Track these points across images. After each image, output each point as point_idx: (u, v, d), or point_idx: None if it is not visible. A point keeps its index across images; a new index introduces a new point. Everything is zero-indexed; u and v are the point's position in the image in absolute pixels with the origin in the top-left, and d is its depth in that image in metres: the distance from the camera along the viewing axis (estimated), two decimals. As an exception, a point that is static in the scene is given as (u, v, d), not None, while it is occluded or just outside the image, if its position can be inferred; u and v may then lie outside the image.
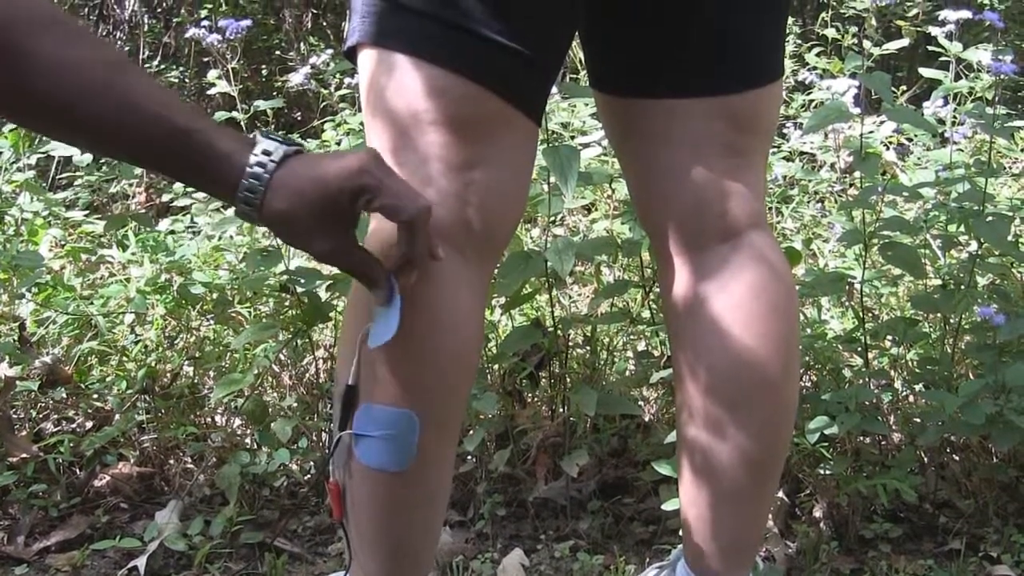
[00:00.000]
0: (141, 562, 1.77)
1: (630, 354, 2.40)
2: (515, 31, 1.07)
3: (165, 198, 3.64)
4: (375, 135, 1.12)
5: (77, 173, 3.52)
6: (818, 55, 3.53)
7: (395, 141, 1.09)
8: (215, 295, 2.43)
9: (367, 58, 1.12)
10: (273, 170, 0.98)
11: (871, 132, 2.97)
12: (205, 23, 2.42)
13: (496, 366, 2.15)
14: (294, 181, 0.98)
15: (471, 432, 1.97)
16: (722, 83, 1.20)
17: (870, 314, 2.46)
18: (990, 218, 1.88)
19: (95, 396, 2.29)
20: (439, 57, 1.07)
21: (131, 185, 3.89)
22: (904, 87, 3.76)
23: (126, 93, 0.93)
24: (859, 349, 2.04)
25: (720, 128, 1.21)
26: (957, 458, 2.02)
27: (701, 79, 1.20)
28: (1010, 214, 2.02)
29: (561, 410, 2.07)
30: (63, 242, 3.03)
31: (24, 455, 2.03)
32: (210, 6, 6.13)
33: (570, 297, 2.78)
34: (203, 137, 0.96)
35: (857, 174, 2.43)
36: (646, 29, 1.19)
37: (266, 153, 0.98)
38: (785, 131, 3.44)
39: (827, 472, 1.90)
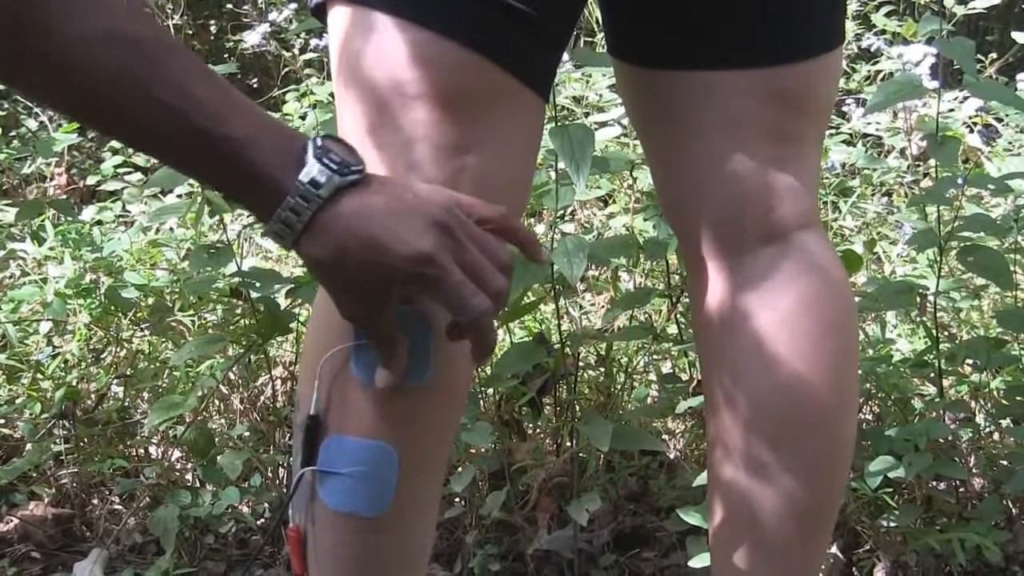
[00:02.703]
0: (57, 624, 1.79)
1: (652, 378, 2.41)
2: (519, -13, 1.08)
3: (90, 181, 3.65)
4: (348, 109, 1.13)
5: (-18, 150, 3.53)
6: (887, 15, 3.55)
7: (373, 118, 1.10)
8: (151, 300, 2.44)
9: (339, 16, 1.13)
10: (318, 208, 0.95)
11: (951, 111, 2.98)
12: (142, -31, 2.43)
13: (491, 391, 2.17)
14: (341, 232, 0.96)
15: (460, 470, 1.98)
16: (767, 53, 1.21)
17: (946, 333, 2.47)
18: (1096, 218, 1.90)
19: (2, 421, 2.30)
20: (427, 17, 1.07)
21: (49, 165, 3.90)
22: (993, 55, 3.76)
23: (143, 79, 0.91)
24: (932, 375, 2.05)
25: (765, 108, 1.22)
26: (1051, 509, 2.04)
27: (741, 48, 1.21)
28: (1120, 213, 2.04)
29: (568, 444, 2.08)
30: (-36, 233, 3.05)
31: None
32: (147, -53, 6.14)
33: (581, 308, 2.79)
34: (233, 147, 0.93)
35: (932, 162, 2.45)
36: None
37: (314, 185, 0.94)
38: (845, 109, 3.46)
39: (891, 524, 1.91)
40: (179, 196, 2.97)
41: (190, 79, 0.93)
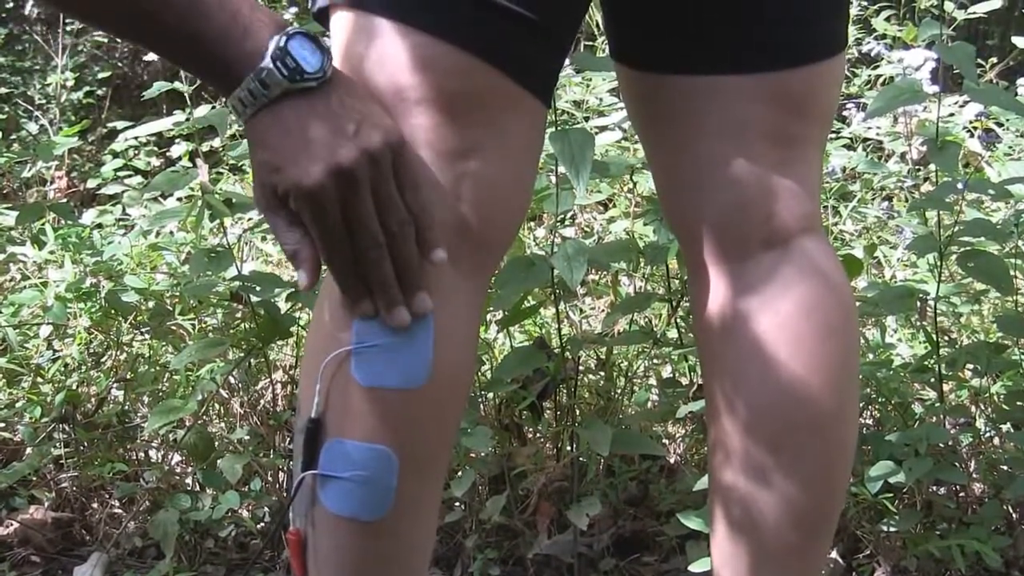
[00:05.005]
0: (57, 627, 1.79)
1: (653, 382, 2.41)
2: (521, -9, 1.08)
3: (90, 184, 3.66)
4: (349, 114, 1.13)
5: (-18, 153, 3.53)
6: (888, 20, 3.55)
7: (374, 122, 1.10)
8: (151, 304, 2.44)
9: (342, 22, 1.13)
10: (262, 106, 1.01)
11: (951, 115, 2.98)
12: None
13: (491, 395, 2.17)
14: (267, 131, 1.02)
15: (460, 474, 1.98)
16: (770, 57, 1.21)
17: (946, 337, 2.47)
18: (1096, 223, 1.90)
19: (2, 425, 2.30)
20: (428, 22, 1.08)
21: (49, 168, 3.90)
22: (994, 59, 3.77)
23: None
24: (932, 380, 2.05)
25: (768, 112, 1.22)
26: (1052, 514, 2.04)
27: (745, 52, 1.21)
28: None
29: (568, 449, 2.09)
30: (-35, 237, 3.05)
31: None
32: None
33: (581, 312, 2.79)
34: (198, 45, 0.99)
35: (933, 167, 2.45)
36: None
37: (263, 84, 1.00)
38: (846, 113, 3.46)
39: (891, 529, 1.91)
40: (179, 200, 2.97)
41: None
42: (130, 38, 1.04)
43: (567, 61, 1.98)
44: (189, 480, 2.17)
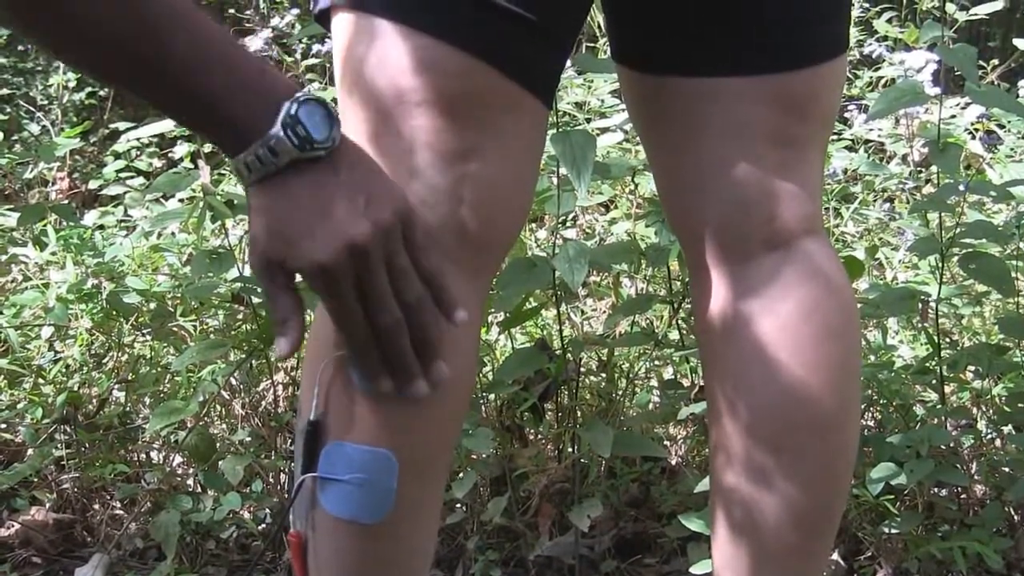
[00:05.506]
0: (58, 629, 1.78)
1: (654, 384, 2.41)
2: (522, -7, 1.08)
3: (92, 185, 3.66)
4: (351, 116, 1.13)
5: (-17, 155, 3.53)
6: (889, 21, 3.55)
7: (375, 125, 1.10)
8: (153, 305, 2.44)
9: (343, 23, 1.13)
10: (270, 173, 0.98)
11: (953, 117, 2.98)
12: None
13: (492, 396, 2.17)
14: (274, 200, 0.99)
15: (461, 476, 1.98)
16: (771, 58, 1.21)
17: (947, 339, 2.47)
18: (1098, 225, 1.90)
19: (3, 426, 2.30)
20: (428, 23, 1.07)
21: (51, 169, 3.90)
22: (995, 61, 3.77)
23: (117, 25, 0.92)
24: (934, 382, 2.05)
25: (769, 114, 1.22)
26: (1053, 516, 2.04)
27: (747, 53, 1.21)
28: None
29: (570, 450, 2.08)
30: (-34, 238, 3.05)
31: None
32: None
33: (583, 313, 2.79)
34: (202, 101, 0.96)
35: (934, 168, 2.45)
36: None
37: (272, 152, 0.97)
38: (847, 115, 3.46)
39: (893, 531, 1.91)
40: (181, 201, 2.97)
41: (164, 27, 0.94)
42: (128, 89, 1.00)
43: (568, 62, 1.98)
44: (190, 481, 2.17)
